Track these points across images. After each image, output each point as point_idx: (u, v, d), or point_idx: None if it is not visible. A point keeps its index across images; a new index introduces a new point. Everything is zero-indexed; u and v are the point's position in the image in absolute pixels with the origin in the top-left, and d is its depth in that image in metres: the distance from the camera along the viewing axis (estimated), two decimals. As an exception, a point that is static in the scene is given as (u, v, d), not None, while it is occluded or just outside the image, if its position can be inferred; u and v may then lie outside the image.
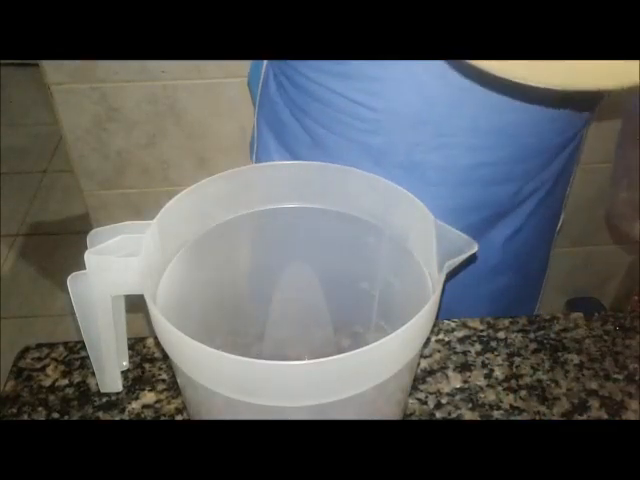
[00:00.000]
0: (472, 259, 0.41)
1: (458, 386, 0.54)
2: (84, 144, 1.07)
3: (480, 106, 0.52)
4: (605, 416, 0.51)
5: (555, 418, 0.51)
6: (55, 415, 0.51)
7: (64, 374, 0.54)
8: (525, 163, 0.58)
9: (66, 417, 0.51)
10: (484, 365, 0.55)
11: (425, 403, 0.52)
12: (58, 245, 1.81)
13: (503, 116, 0.53)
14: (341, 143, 0.58)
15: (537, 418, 0.51)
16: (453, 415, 0.52)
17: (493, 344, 0.57)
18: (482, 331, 0.58)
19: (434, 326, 0.55)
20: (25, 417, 0.51)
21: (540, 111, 0.54)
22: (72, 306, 0.42)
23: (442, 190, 0.57)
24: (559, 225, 0.74)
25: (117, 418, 0.51)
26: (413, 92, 0.52)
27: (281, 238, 0.49)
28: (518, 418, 0.51)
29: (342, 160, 0.49)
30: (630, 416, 0.51)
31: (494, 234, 0.64)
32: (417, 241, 0.44)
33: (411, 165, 0.56)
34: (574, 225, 1.27)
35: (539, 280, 0.76)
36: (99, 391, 0.49)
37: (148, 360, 0.55)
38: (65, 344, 0.57)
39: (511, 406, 0.52)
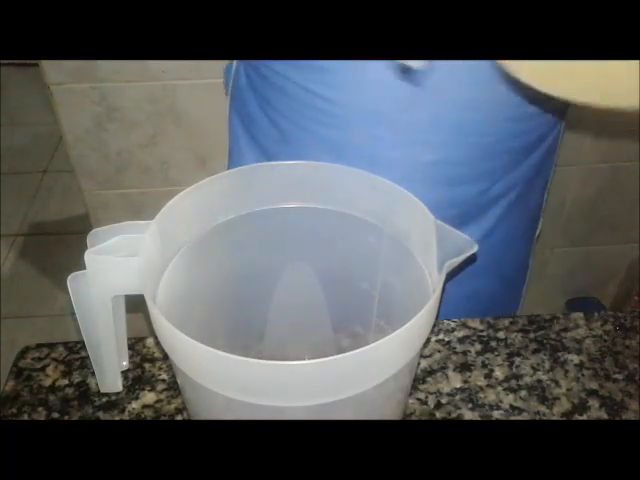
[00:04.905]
0: (472, 259, 0.41)
1: (458, 386, 0.54)
2: (84, 144, 1.07)
3: (440, 102, 0.52)
4: (605, 416, 0.51)
5: (555, 418, 0.51)
6: (55, 415, 0.51)
7: (64, 374, 0.54)
8: (486, 163, 0.58)
9: (66, 417, 0.51)
10: (484, 365, 0.55)
11: (425, 403, 0.52)
12: (58, 245, 1.81)
13: (462, 113, 0.53)
14: (305, 137, 0.58)
15: (537, 418, 0.51)
16: (453, 415, 0.52)
17: (493, 344, 0.57)
18: (482, 331, 0.58)
19: (434, 326, 0.55)
20: (25, 417, 0.51)
21: (499, 111, 0.54)
22: (72, 306, 0.42)
23: (405, 187, 0.57)
24: (538, 231, 0.73)
25: (117, 418, 0.51)
26: (372, 85, 0.51)
27: (281, 238, 0.49)
28: (518, 418, 0.51)
29: (307, 154, 0.48)
30: (630, 416, 0.51)
31: None
32: (417, 241, 0.44)
33: (372, 160, 0.54)
34: (574, 225, 1.27)
35: (518, 285, 0.75)
36: (99, 391, 0.49)
37: (148, 360, 0.55)
38: (65, 344, 0.57)
39: (511, 406, 0.52)
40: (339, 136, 0.56)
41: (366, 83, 0.51)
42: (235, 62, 0.65)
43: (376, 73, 0.50)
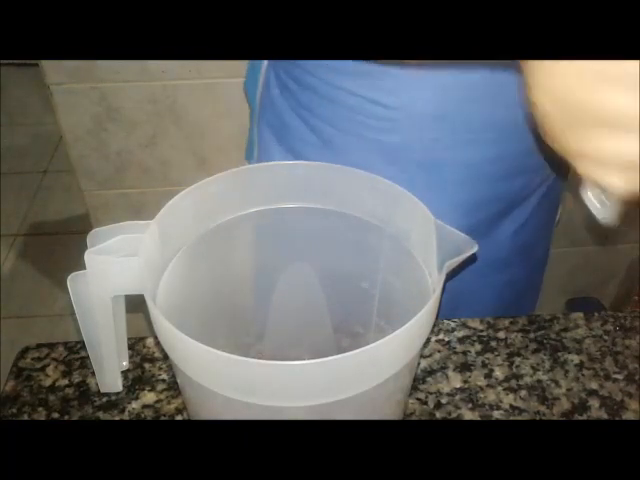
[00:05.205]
0: (472, 259, 0.41)
1: (458, 386, 0.54)
2: (84, 144, 1.07)
3: (496, 100, 0.52)
4: (605, 416, 0.51)
5: (555, 418, 0.51)
6: (55, 415, 0.51)
7: (64, 374, 0.54)
8: (532, 157, 0.59)
9: (66, 417, 0.51)
10: (484, 365, 0.55)
11: (425, 403, 0.52)
12: (58, 245, 1.81)
13: (516, 109, 0.53)
14: (352, 142, 0.58)
15: (537, 418, 0.51)
16: (453, 415, 0.52)
17: (493, 344, 0.57)
18: (482, 331, 0.58)
19: (434, 326, 0.55)
20: (25, 417, 0.51)
21: None
22: (72, 306, 0.42)
23: (459, 186, 0.57)
24: (557, 217, 0.74)
25: (117, 418, 0.51)
26: (430, 89, 0.52)
27: (281, 238, 0.49)
28: (518, 418, 0.51)
29: (352, 160, 0.48)
30: (630, 416, 0.51)
31: (504, 227, 0.65)
32: (417, 241, 0.44)
33: (428, 162, 0.56)
34: (574, 225, 1.27)
35: (541, 273, 0.78)
36: (99, 391, 0.49)
37: (148, 360, 0.55)
38: (65, 344, 0.57)
39: (511, 406, 0.52)
40: (392, 140, 0.56)
41: (421, 86, 0.52)
42: (263, 72, 0.64)
43: (430, 75, 0.51)
